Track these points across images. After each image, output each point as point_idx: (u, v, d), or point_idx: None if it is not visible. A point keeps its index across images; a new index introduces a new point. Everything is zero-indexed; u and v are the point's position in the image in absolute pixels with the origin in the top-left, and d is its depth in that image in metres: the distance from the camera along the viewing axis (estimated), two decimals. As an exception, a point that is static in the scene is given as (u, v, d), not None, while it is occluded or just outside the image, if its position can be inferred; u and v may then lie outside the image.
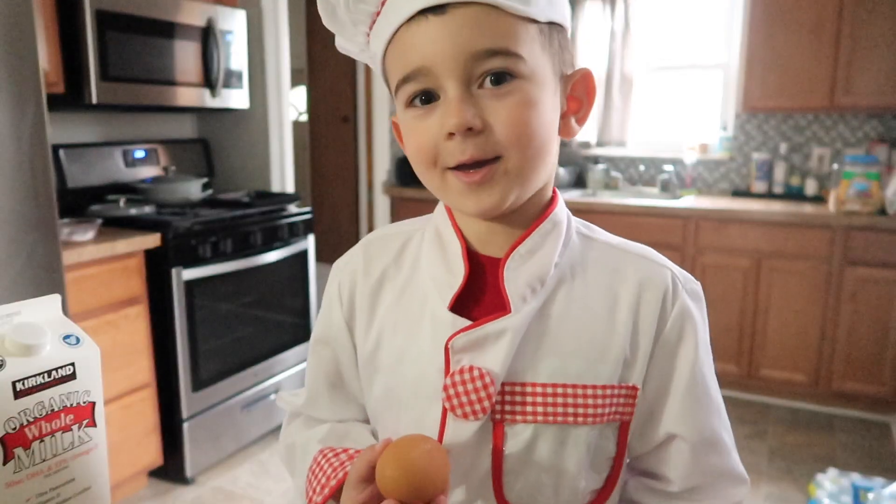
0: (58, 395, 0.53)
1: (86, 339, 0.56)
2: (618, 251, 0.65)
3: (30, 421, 0.51)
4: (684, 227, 3.10)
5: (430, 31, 0.54)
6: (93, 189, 2.54)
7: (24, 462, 0.51)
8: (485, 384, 0.57)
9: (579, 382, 0.59)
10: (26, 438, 0.51)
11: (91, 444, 0.56)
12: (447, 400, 0.58)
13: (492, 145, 0.55)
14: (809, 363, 2.97)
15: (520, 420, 0.59)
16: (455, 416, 0.59)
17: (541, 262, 0.60)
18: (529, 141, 0.55)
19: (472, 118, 0.54)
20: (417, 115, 0.57)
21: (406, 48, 0.56)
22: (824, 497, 2.14)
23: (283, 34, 3.03)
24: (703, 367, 0.63)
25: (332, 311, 0.69)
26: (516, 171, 0.56)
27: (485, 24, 0.53)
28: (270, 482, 2.43)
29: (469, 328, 0.59)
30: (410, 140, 0.59)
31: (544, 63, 0.57)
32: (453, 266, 0.62)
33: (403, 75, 0.57)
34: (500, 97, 0.54)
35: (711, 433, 0.63)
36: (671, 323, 0.61)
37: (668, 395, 0.62)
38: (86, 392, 0.55)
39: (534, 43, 0.56)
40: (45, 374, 0.52)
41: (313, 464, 0.65)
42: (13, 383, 0.50)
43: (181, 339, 2.30)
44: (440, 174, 0.57)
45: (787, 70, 3.08)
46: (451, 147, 0.55)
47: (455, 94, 0.54)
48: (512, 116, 0.54)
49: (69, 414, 0.54)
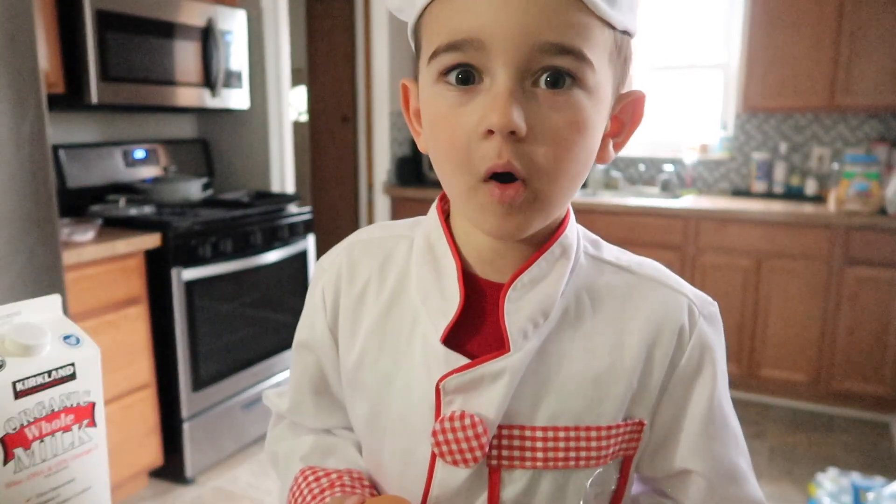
0: (58, 396, 0.53)
1: (86, 340, 0.56)
2: (628, 276, 0.58)
3: (30, 421, 0.51)
4: (684, 227, 3.10)
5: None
6: (93, 189, 2.54)
7: (24, 462, 0.51)
8: (476, 434, 0.52)
9: (581, 424, 0.54)
10: (26, 439, 0.51)
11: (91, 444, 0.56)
12: (436, 445, 0.53)
13: (529, 160, 0.47)
14: (809, 363, 2.97)
15: (517, 466, 0.54)
16: (445, 461, 0.54)
17: (545, 292, 0.53)
18: (569, 168, 0.49)
19: (519, 121, 0.45)
20: (450, 97, 0.48)
21: (461, 9, 0.47)
22: (824, 497, 2.14)
23: (283, 34, 3.03)
24: (721, 398, 0.58)
25: (315, 317, 0.63)
26: (543, 197, 0.49)
27: (563, 14, 0.46)
28: (270, 482, 2.43)
29: (463, 369, 0.53)
30: (438, 129, 0.50)
31: (608, 77, 0.50)
32: (447, 290, 0.55)
33: (448, 41, 0.47)
34: (555, 105, 0.47)
35: (730, 465, 0.59)
36: (688, 354, 0.56)
37: (683, 430, 0.57)
38: (86, 392, 0.55)
39: (605, 51, 0.49)
40: (45, 375, 0.52)
41: (294, 485, 0.62)
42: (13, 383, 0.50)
43: (181, 339, 2.30)
44: (473, 182, 0.49)
45: (787, 70, 3.08)
46: (485, 148, 0.47)
47: (506, 84, 0.46)
48: (561, 134, 0.47)
49: (69, 414, 0.54)
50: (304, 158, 4.75)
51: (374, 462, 0.62)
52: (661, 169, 3.67)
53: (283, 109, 3.08)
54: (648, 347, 0.55)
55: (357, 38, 4.28)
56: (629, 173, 3.78)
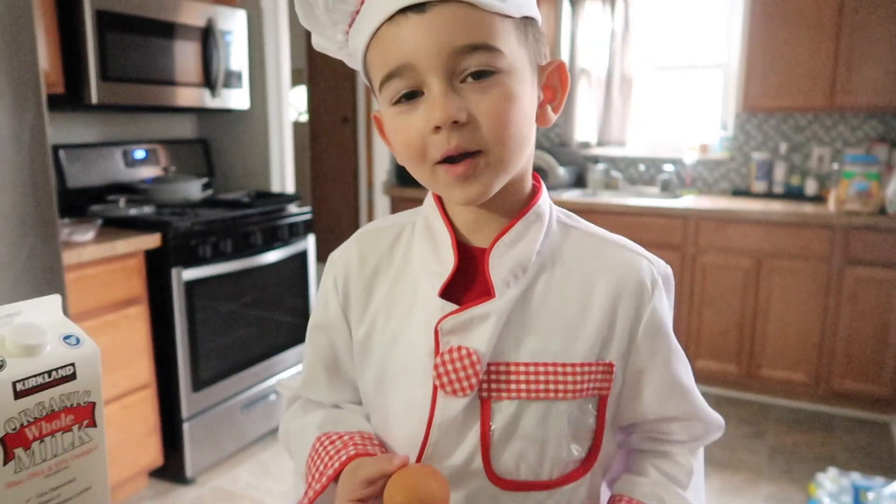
0: (58, 396, 0.53)
1: (86, 340, 0.56)
2: (595, 239, 0.70)
3: (30, 421, 0.51)
4: (684, 227, 3.10)
5: (411, 28, 0.56)
6: (93, 189, 2.54)
7: (24, 462, 0.51)
8: (472, 362, 0.62)
9: (558, 361, 0.63)
10: (26, 439, 0.51)
11: (91, 445, 0.56)
12: (437, 378, 0.63)
13: (475, 138, 0.57)
14: (809, 363, 2.97)
15: (504, 397, 0.63)
16: (445, 392, 0.63)
17: (523, 250, 0.64)
18: (511, 134, 0.59)
19: (458, 111, 0.56)
20: (402, 111, 0.59)
21: (388, 45, 0.58)
22: (824, 497, 2.14)
23: (283, 34, 3.03)
24: (676, 355, 0.69)
25: (328, 300, 0.73)
26: (497, 163, 0.59)
27: (464, 21, 0.56)
28: (270, 482, 2.43)
29: (456, 311, 0.63)
30: (397, 136, 0.61)
31: (522, 56, 0.60)
32: (443, 256, 0.65)
33: (387, 72, 0.59)
34: (483, 91, 0.57)
35: (683, 388, 0.70)
36: (650, 310, 0.66)
37: (648, 376, 0.68)
38: (86, 392, 0.55)
39: (511, 38, 0.59)
40: (46, 375, 0.52)
41: (312, 451, 0.69)
42: (13, 383, 0.50)
43: (181, 339, 2.30)
44: (430, 168, 0.60)
45: (787, 70, 3.08)
46: (437, 140, 0.58)
47: (439, 89, 0.57)
48: (494, 110, 0.57)
49: (69, 414, 0.54)
50: (304, 158, 4.76)
51: (380, 418, 0.70)
52: (661, 169, 3.67)
53: (283, 109, 3.08)
54: (613, 298, 0.65)
55: (357, 38, 4.27)
56: (629, 173, 3.79)
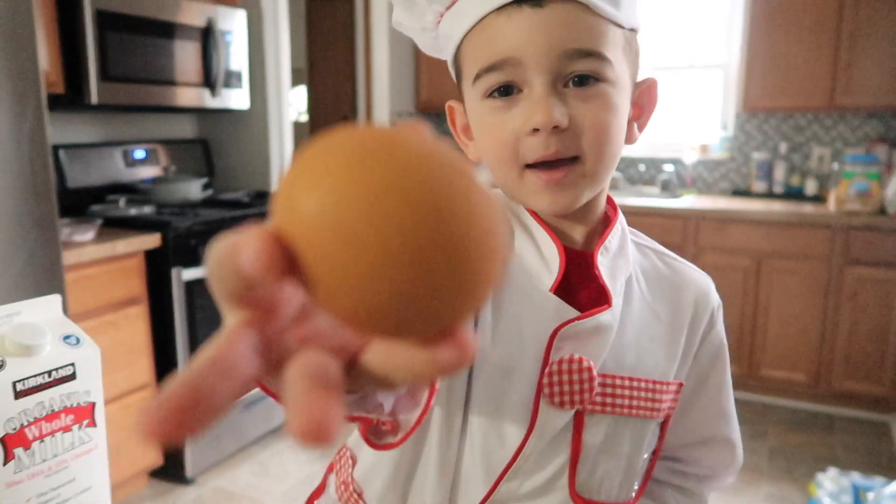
0: (58, 396, 0.53)
1: (86, 340, 0.56)
2: (668, 257, 0.69)
3: (30, 421, 0.51)
4: (684, 227, 3.10)
5: (524, 22, 0.53)
6: (93, 189, 2.54)
7: (24, 462, 0.51)
8: (590, 377, 0.58)
9: (653, 378, 0.62)
10: (26, 439, 0.51)
11: (91, 444, 0.56)
12: (548, 386, 0.58)
13: (574, 145, 0.55)
14: (809, 363, 2.97)
15: (598, 411, 0.60)
16: (552, 403, 0.58)
17: (622, 259, 0.62)
18: (608, 145, 0.56)
19: (561, 116, 0.54)
20: (496, 108, 0.56)
21: (494, 36, 0.55)
22: (824, 497, 2.14)
23: (283, 34, 3.03)
24: (728, 378, 0.70)
25: None
26: (592, 174, 0.57)
27: (579, 24, 0.54)
28: (270, 482, 2.43)
29: (579, 318, 0.58)
30: (488, 133, 0.58)
31: (625, 69, 0.58)
32: (545, 251, 0.60)
33: (488, 64, 0.55)
34: (585, 99, 0.55)
35: (728, 416, 0.71)
36: (714, 333, 0.67)
37: (701, 398, 0.68)
38: (86, 392, 0.55)
39: (618, 48, 0.57)
40: (46, 375, 0.52)
41: None
42: (13, 383, 0.50)
43: (181, 339, 2.30)
44: (518, 171, 0.57)
45: (787, 70, 3.08)
46: (533, 143, 0.55)
47: (542, 90, 0.54)
48: (597, 120, 0.55)
49: (69, 414, 0.54)
50: (304, 158, 4.75)
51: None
52: (661, 169, 3.67)
53: (283, 109, 3.08)
54: (693, 317, 0.65)
55: (357, 38, 4.28)
56: (629, 173, 3.78)
